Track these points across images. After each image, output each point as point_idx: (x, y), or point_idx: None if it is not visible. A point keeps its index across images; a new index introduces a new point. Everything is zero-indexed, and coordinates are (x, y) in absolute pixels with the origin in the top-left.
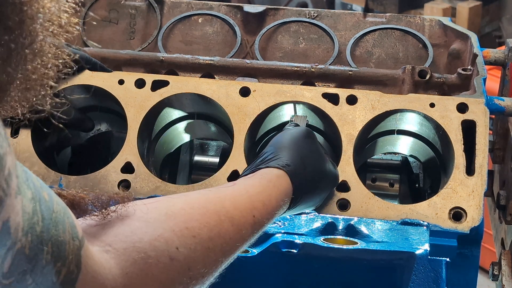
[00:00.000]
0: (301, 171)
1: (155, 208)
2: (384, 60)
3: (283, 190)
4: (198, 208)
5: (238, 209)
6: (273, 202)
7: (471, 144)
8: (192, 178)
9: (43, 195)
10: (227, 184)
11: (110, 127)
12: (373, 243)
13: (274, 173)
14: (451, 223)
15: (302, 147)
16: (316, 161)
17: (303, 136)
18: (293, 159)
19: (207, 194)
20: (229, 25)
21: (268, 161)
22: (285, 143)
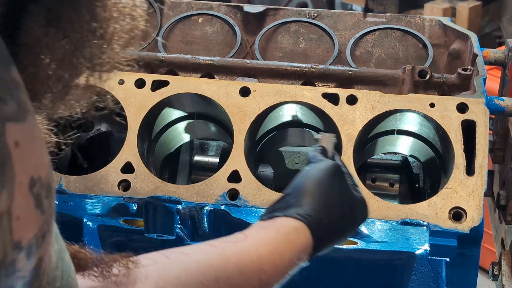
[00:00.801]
0: (325, 221)
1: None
2: (384, 60)
3: (300, 246)
4: (195, 276)
5: (243, 273)
6: (286, 262)
7: (471, 144)
8: (192, 178)
9: (65, 256)
10: (237, 237)
11: (110, 127)
12: (373, 243)
13: (292, 226)
14: (451, 223)
15: (327, 191)
16: (343, 204)
17: (330, 175)
18: (316, 207)
19: (210, 255)
20: (229, 25)
21: (288, 208)
22: (307, 187)
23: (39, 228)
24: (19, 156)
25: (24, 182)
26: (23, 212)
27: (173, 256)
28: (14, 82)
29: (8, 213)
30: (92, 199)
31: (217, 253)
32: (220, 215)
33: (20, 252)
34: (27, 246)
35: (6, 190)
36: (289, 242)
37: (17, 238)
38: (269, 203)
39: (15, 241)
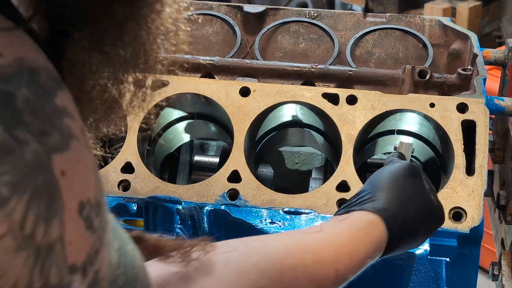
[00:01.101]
0: (400, 217)
1: (226, 265)
2: (384, 60)
3: (375, 239)
4: (274, 263)
5: (320, 262)
6: (361, 254)
7: (471, 144)
8: (192, 178)
9: (128, 248)
10: (313, 229)
11: None
12: None
13: (368, 219)
14: (451, 223)
15: (403, 188)
16: (419, 205)
17: (406, 175)
18: (392, 202)
19: (288, 244)
20: (229, 25)
21: (363, 202)
22: (384, 183)
23: (92, 247)
24: (66, 184)
25: (73, 208)
26: (74, 236)
27: (253, 244)
28: (58, 110)
29: (61, 240)
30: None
31: (295, 242)
32: (220, 215)
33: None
34: (82, 266)
35: (57, 219)
36: (365, 235)
37: (72, 262)
38: (269, 203)
39: (70, 265)
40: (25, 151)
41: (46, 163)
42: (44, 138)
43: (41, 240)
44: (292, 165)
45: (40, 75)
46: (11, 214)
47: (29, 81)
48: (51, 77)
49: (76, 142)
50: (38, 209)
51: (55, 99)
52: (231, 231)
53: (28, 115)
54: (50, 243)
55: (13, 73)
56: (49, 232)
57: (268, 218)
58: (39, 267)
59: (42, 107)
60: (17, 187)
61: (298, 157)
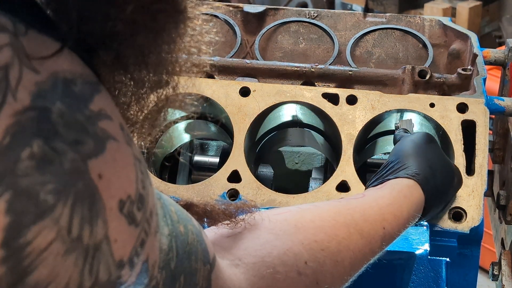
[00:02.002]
0: (431, 179)
1: (284, 220)
2: (384, 60)
3: (415, 200)
4: (328, 220)
5: (368, 221)
6: (404, 214)
7: (471, 144)
8: (192, 178)
9: (179, 229)
10: (356, 196)
11: None
12: None
13: (404, 184)
14: (451, 223)
15: (427, 153)
16: (444, 167)
17: (426, 142)
18: (421, 167)
19: (337, 205)
20: (229, 25)
21: (395, 171)
22: (409, 151)
23: (136, 241)
24: (105, 185)
25: (114, 207)
26: (119, 233)
27: (305, 207)
28: (91, 116)
29: (107, 238)
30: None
31: (343, 204)
32: None
33: (123, 268)
34: (128, 260)
35: (100, 219)
36: (405, 197)
37: (119, 258)
38: (269, 203)
39: (117, 261)
40: (63, 161)
41: (83, 169)
42: (78, 146)
43: (88, 241)
44: (292, 165)
45: (75, 85)
46: (58, 220)
47: (62, 93)
48: (87, 83)
49: (113, 142)
50: (81, 212)
51: (90, 106)
52: None
53: (63, 127)
54: (96, 243)
55: (48, 88)
56: (94, 232)
57: None
58: (88, 267)
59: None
60: (60, 194)
61: (298, 157)
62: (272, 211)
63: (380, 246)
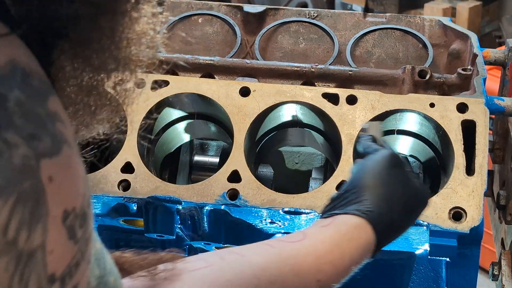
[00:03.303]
0: (387, 215)
1: (199, 279)
2: (384, 60)
3: (362, 243)
4: (249, 278)
5: (300, 275)
6: (346, 261)
7: (471, 144)
8: (192, 178)
9: (110, 279)
10: (295, 237)
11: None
12: None
13: (352, 223)
14: (451, 223)
15: (388, 184)
16: (405, 196)
17: (389, 167)
18: (376, 202)
19: (266, 256)
20: (229, 25)
21: (347, 203)
22: (367, 181)
23: (72, 259)
24: (53, 190)
25: (58, 215)
26: (56, 245)
27: (229, 259)
28: (50, 114)
29: (43, 247)
30: (92, 199)
31: (274, 255)
32: (220, 215)
33: (54, 284)
34: (61, 277)
35: (40, 225)
36: (350, 239)
37: (51, 271)
38: (269, 203)
39: (49, 274)
40: (13, 155)
41: (34, 168)
42: (35, 142)
43: (23, 246)
44: (292, 165)
45: (33, 78)
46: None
47: (21, 83)
48: (43, 81)
49: (68, 148)
50: (22, 214)
51: (47, 103)
52: (231, 231)
53: (19, 118)
54: (31, 250)
55: (6, 74)
56: (31, 238)
57: (268, 218)
58: (19, 274)
59: (35, 110)
60: (2, 191)
61: (298, 157)
62: (193, 264)
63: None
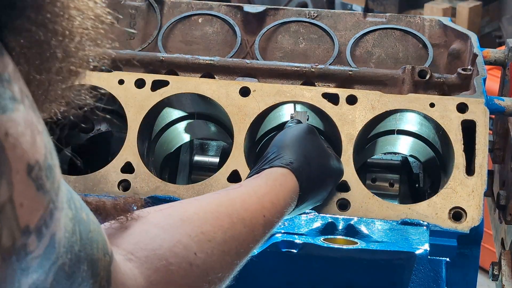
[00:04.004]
0: (306, 168)
1: (169, 215)
2: (384, 60)
3: (290, 188)
4: (211, 212)
5: (249, 210)
6: (281, 201)
7: (471, 144)
8: (192, 178)
9: (82, 216)
10: (234, 186)
11: (110, 127)
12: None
13: (279, 172)
14: (451, 223)
15: (304, 144)
16: (320, 157)
17: (305, 133)
18: (296, 156)
19: (217, 197)
20: (229, 25)
21: (271, 160)
22: (287, 142)
23: (45, 209)
24: (11, 145)
25: (21, 169)
26: (25, 198)
27: (186, 201)
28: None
29: (11, 201)
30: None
31: (223, 195)
32: None
33: (30, 236)
34: (36, 228)
35: (4, 180)
36: (280, 185)
37: (24, 224)
38: None
39: (22, 227)
40: None
41: None
42: None
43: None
44: None
45: None
46: None
47: None
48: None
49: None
50: None
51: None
52: None
53: None
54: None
55: None
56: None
57: None
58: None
59: None
60: None
61: None
62: (154, 208)
63: (262, 233)
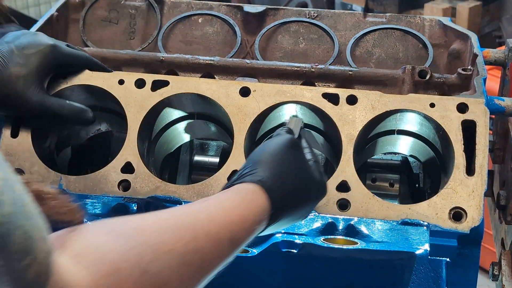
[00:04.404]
0: (280, 185)
1: (125, 223)
2: (384, 60)
3: (260, 205)
4: (172, 222)
5: (214, 222)
6: (250, 217)
7: (471, 144)
8: (192, 178)
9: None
10: (199, 200)
11: (110, 127)
12: (373, 243)
13: (249, 188)
14: (451, 223)
15: (282, 159)
16: (300, 174)
17: (286, 147)
18: (270, 173)
19: (180, 209)
20: (229, 25)
21: (243, 176)
22: (263, 156)
23: None
24: None
25: None
26: None
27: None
28: None
29: None
30: (92, 199)
31: (187, 207)
32: None
33: None
34: None
35: None
36: (250, 201)
37: None
38: None
39: None
40: None
41: None
42: None
43: None
44: None
45: None
46: None
47: None
48: None
49: None
50: None
51: None
52: None
53: None
54: None
55: None
56: None
57: None
58: None
59: None
60: None
61: None
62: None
63: (229, 249)
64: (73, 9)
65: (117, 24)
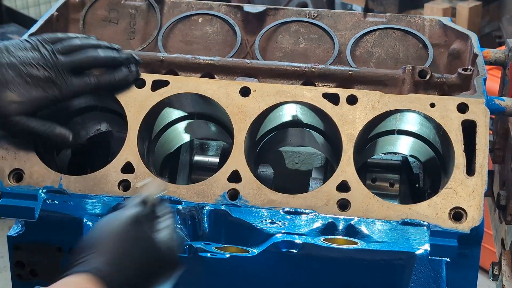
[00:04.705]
0: (119, 270)
1: None
2: (384, 60)
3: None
4: None
5: None
6: None
7: (471, 144)
8: (192, 178)
9: None
10: None
11: (110, 127)
12: (373, 243)
13: (80, 280)
14: (451, 223)
15: (122, 240)
16: (143, 252)
17: (127, 224)
18: (107, 257)
19: None
20: (229, 25)
21: (75, 263)
22: (100, 239)
23: None
24: None
25: None
26: None
27: None
28: None
29: None
30: (92, 199)
31: None
32: (220, 215)
33: None
34: None
35: None
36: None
37: None
38: (270, 203)
39: None
40: None
41: None
42: None
43: None
44: (292, 165)
45: None
46: None
47: None
48: None
49: None
50: None
51: None
52: (231, 231)
53: None
54: None
55: None
56: None
57: (268, 218)
58: None
59: None
60: None
61: (298, 157)
62: None
63: None
64: (73, 9)
65: (117, 24)
